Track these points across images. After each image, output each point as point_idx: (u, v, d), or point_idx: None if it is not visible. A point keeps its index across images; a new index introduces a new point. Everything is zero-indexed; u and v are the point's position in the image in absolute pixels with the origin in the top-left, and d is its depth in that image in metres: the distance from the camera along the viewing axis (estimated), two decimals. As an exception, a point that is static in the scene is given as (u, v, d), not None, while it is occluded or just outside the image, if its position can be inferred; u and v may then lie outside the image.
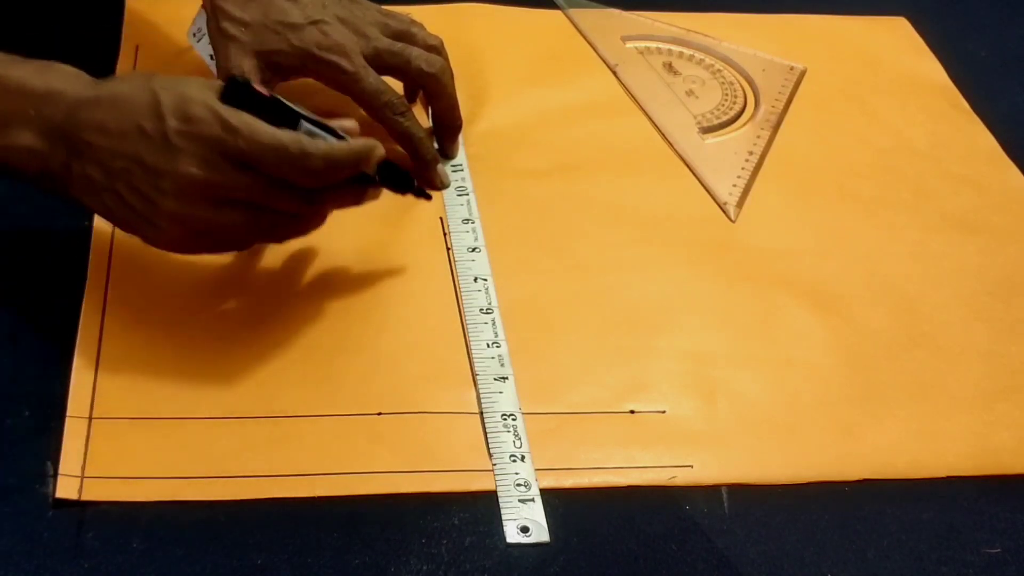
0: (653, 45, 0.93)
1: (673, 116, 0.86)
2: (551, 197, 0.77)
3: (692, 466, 0.62)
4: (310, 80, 0.74)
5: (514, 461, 0.60)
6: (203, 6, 0.75)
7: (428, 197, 0.69)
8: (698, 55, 0.92)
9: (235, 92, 0.59)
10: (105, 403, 0.60)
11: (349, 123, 0.63)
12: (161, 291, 0.66)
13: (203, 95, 0.59)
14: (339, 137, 0.61)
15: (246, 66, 0.71)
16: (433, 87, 0.76)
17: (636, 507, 0.60)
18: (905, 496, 0.62)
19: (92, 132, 0.59)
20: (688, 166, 0.82)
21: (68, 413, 0.60)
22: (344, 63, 0.72)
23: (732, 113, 0.87)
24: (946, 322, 0.72)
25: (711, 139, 0.85)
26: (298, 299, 0.67)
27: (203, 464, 0.59)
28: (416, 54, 0.75)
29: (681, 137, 0.84)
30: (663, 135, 0.84)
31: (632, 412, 0.64)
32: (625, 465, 0.62)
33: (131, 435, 0.59)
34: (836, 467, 0.63)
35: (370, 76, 0.73)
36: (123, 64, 0.81)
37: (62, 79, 0.61)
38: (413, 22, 0.77)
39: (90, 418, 0.60)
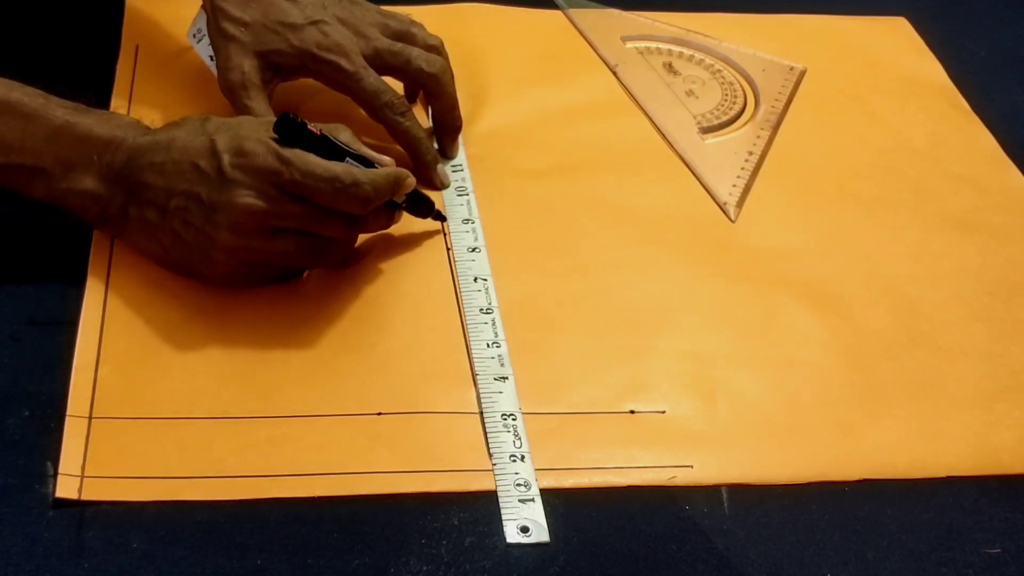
0: (653, 45, 0.93)
1: (673, 116, 0.86)
2: (551, 197, 0.77)
3: (692, 466, 0.62)
4: (310, 80, 0.74)
5: (514, 461, 0.60)
6: (203, 7, 0.75)
7: (444, 219, 0.72)
8: (698, 55, 0.92)
9: (286, 128, 0.62)
10: (105, 403, 0.60)
11: (386, 159, 0.67)
12: (161, 291, 0.66)
13: (256, 132, 0.63)
14: (371, 165, 0.65)
15: (246, 66, 0.72)
16: (433, 87, 0.76)
17: (636, 507, 0.60)
18: (905, 496, 0.62)
19: (149, 174, 0.63)
20: (688, 166, 0.82)
21: (68, 413, 0.59)
22: (344, 63, 0.72)
23: (732, 113, 0.87)
24: (946, 322, 0.72)
25: (711, 139, 0.85)
26: (298, 299, 0.67)
27: (203, 464, 0.59)
28: (416, 54, 0.75)
29: (681, 137, 0.84)
30: (663, 135, 0.84)
31: (632, 412, 0.64)
32: (625, 465, 0.62)
33: (131, 435, 0.59)
34: (836, 467, 0.63)
35: (370, 76, 0.73)
36: (123, 64, 0.81)
37: (122, 127, 0.65)
38: (413, 22, 0.78)
39: (90, 418, 0.60)
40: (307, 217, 0.63)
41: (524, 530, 0.58)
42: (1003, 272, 0.76)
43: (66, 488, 0.56)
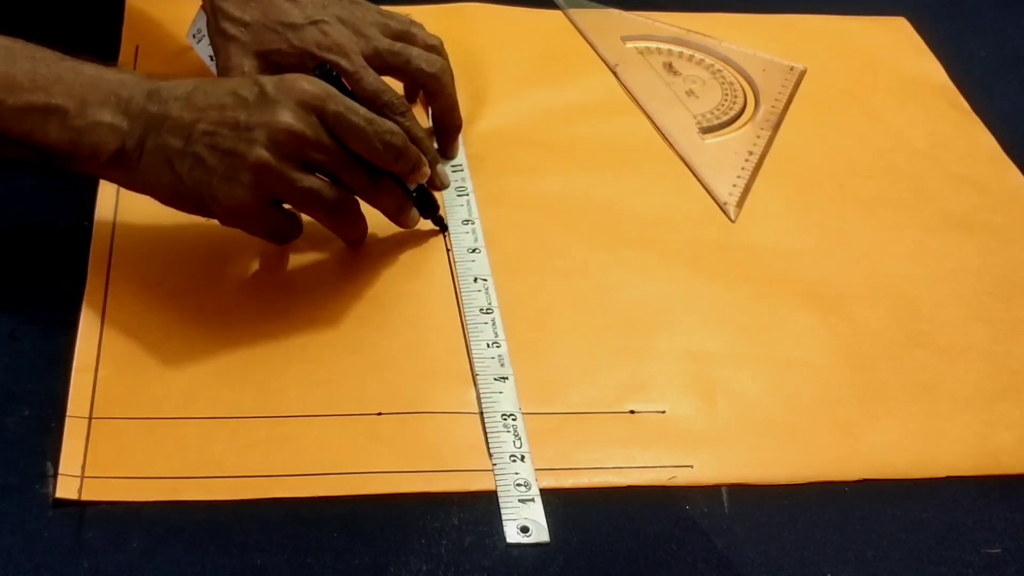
0: (653, 45, 0.93)
1: (673, 116, 0.86)
2: (551, 197, 0.77)
3: (692, 466, 0.62)
4: None
5: (514, 461, 0.60)
6: (202, 7, 0.75)
7: (445, 228, 0.72)
8: (698, 55, 0.92)
9: (325, 77, 0.64)
10: (105, 403, 0.60)
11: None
12: (161, 291, 0.66)
13: (295, 74, 0.64)
14: None
15: (246, 66, 0.72)
16: (433, 87, 0.76)
17: (636, 507, 0.60)
18: (905, 496, 0.62)
19: (174, 106, 0.62)
20: (688, 166, 0.82)
21: (68, 413, 0.60)
22: (344, 62, 0.72)
23: (732, 113, 0.87)
24: (946, 322, 0.72)
25: (711, 139, 0.85)
26: (298, 299, 0.67)
27: (203, 464, 0.59)
28: (416, 54, 0.75)
29: (681, 137, 0.84)
30: (663, 135, 0.84)
31: (632, 412, 0.64)
32: (625, 465, 0.62)
33: (131, 435, 0.59)
34: (836, 467, 0.63)
35: (370, 75, 0.73)
36: (123, 64, 0.81)
37: (131, 72, 0.65)
38: (413, 23, 0.78)
39: (90, 418, 0.60)
40: (338, 157, 0.63)
41: (524, 530, 0.58)
42: (1003, 272, 0.76)
43: (66, 488, 0.56)
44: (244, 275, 0.68)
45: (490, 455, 0.61)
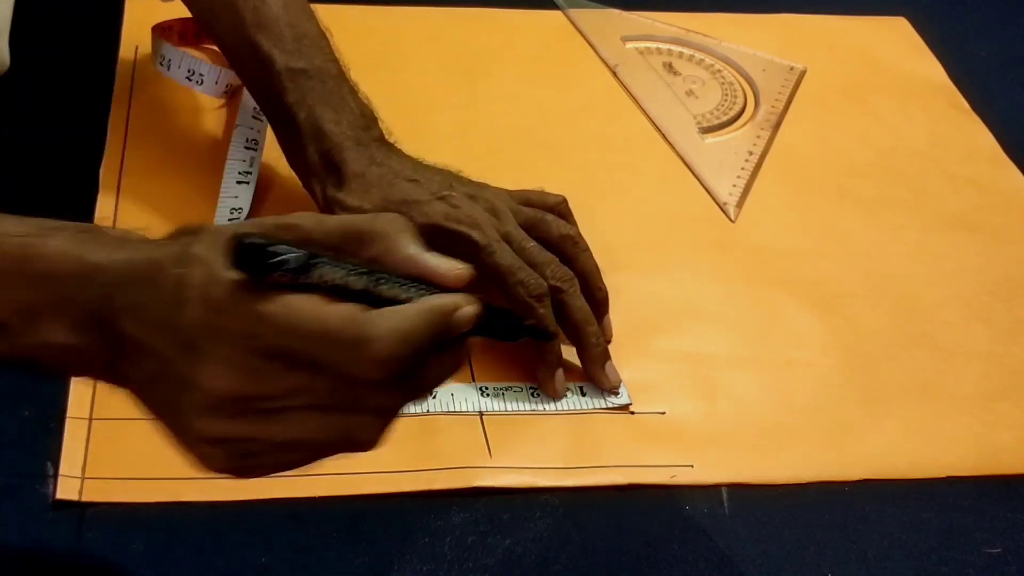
0: (653, 45, 0.93)
1: (673, 116, 0.86)
2: (551, 197, 0.77)
3: (692, 466, 0.62)
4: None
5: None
6: (311, 196, 0.68)
7: (549, 336, 0.61)
8: (698, 55, 0.92)
9: (248, 259, 0.42)
10: (105, 403, 0.60)
11: (457, 268, 0.45)
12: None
13: (219, 266, 0.43)
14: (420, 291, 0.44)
15: None
16: (571, 250, 0.66)
17: (636, 507, 0.60)
18: (905, 496, 0.62)
19: (128, 318, 0.44)
20: (688, 166, 0.82)
21: (68, 413, 0.59)
22: (475, 234, 0.63)
23: (732, 113, 0.87)
24: (946, 322, 0.72)
25: (711, 139, 0.85)
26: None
27: (203, 464, 0.59)
28: (551, 219, 0.67)
29: (681, 137, 0.84)
30: (663, 135, 0.84)
31: (632, 412, 0.64)
32: (625, 465, 0.62)
33: (131, 435, 0.59)
34: (836, 467, 0.63)
35: (505, 250, 0.63)
36: (123, 64, 0.81)
37: (102, 249, 0.46)
38: (548, 210, 0.68)
39: (90, 418, 0.60)
40: (319, 391, 0.43)
41: None
42: (1003, 272, 0.76)
43: (67, 490, 0.56)
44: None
45: (490, 453, 0.61)
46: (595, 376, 0.64)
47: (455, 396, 0.63)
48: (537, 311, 0.62)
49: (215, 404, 0.44)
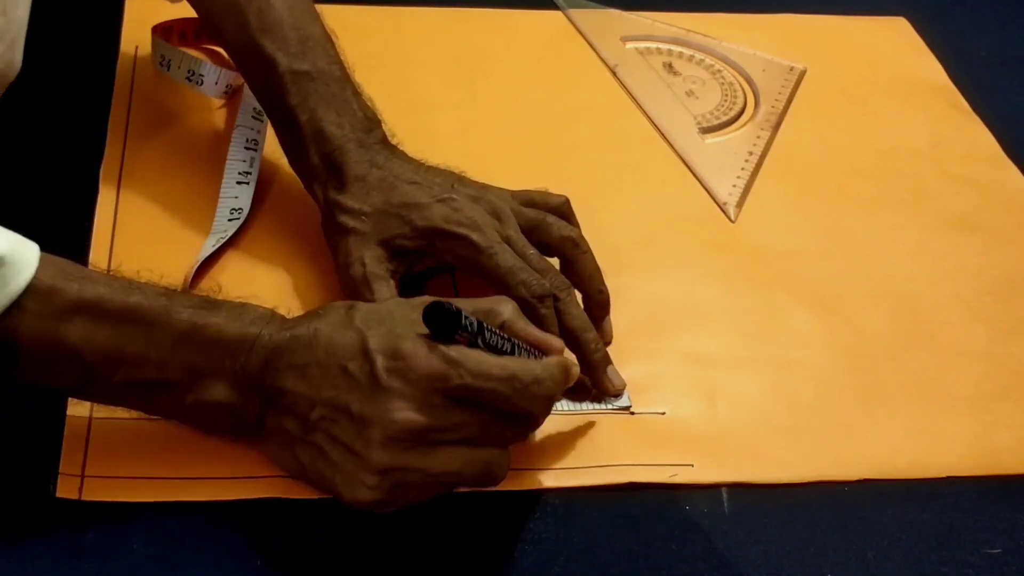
0: (653, 45, 0.93)
1: (673, 116, 0.86)
2: (551, 197, 0.77)
3: (692, 466, 0.62)
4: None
5: None
6: (314, 200, 0.68)
7: (618, 391, 0.63)
8: (698, 55, 0.92)
9: (439, 320, 0.52)
10: (105, 403, 0.60)
11: (555, 341, 0.59)
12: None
13: (412, 325, 0.53)
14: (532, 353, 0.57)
15: (367, 257, 0.64)
16: (572, 252, 0.67)
17: (636, 507, 0.60)
18: (905, 496, 0.62)
19: (289, 378, 0.54)
20: (688, 166, 0.82)
21: (68, 413, 0.59)
22: (475, 236, 0.64)
23: (732, 113, 0.87)
24: (946, 322, 0.72)
25: (711, 139, 0.85)
26: (299, 299, 0.67)
27: (203, 464, 0.59)
28: (553, 221, 0.67)
29: (681, 137, 0.84)
30: (663, 135, 0.84)
31: (632, 413, 0.64)
32: (625, 463, 0.62)
33: (131, 435, 0.59)
34: (836, 467, 0.63)
35: (506, 252, 0.64)
36: (123, 64, 0.81)
37: (256, 321, 0.56)
38: (550, 212, 0.68)
39: (90, 418, 0.59)
40: (476, 425, 0.53)
41: None
42: (1003, 272, 0.76)
43: (67, 488, 0.56)
44: (244, 276, 0.68)
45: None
46: (598, 381, 0.64)
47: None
48: (539, 311, 0.62)
49: (397, 435, 0.52)
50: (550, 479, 0.60)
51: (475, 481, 0.55)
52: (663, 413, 0.65)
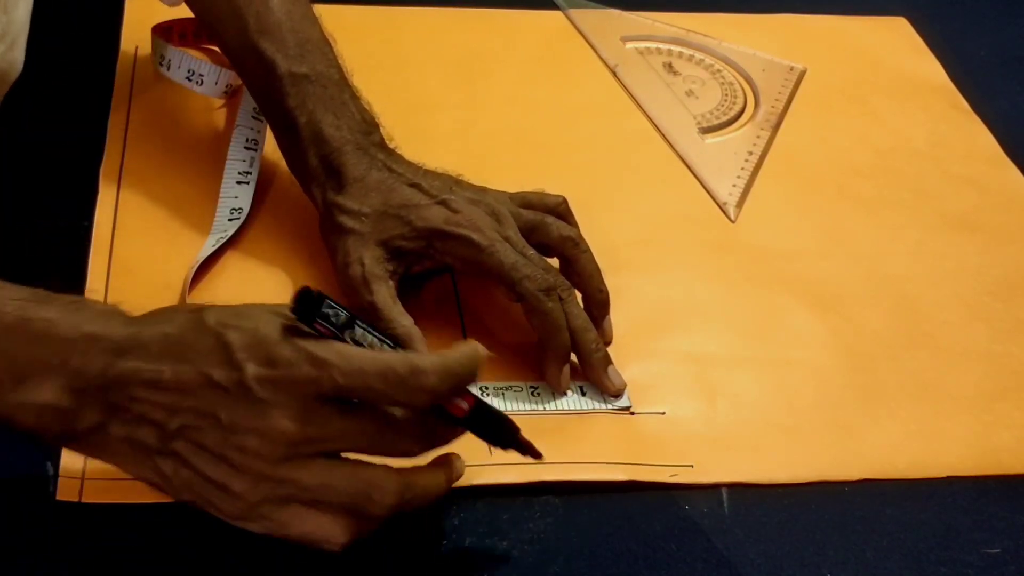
0: (653, 45, 0.93)
1: (673, 116, 0.86)
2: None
3: (692, 466, 0.62)
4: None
5: None
6: (312, 201, 0.68)
7: (538, 455, 0.56)
8: (698, 55, 0.92)
9: (308, 310, 0.49)
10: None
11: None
12: (160, 291, 0.66)
13: (275, 328, 0.50)
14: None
15: (366, 258, 0.64)
16: (572, 252, 0.67)
17: (636, 507, 0.60)
18: (905, 496, 0.62)
19: (139, 386, 0.50)
20: (688, 166, 0.82)
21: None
22: (475, 236, 0.64)
23: (732, 113, 0.87)
24: (946, 322, 0.72)
25: (711, 139, 0.85)
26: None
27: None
28: (551, 221, 0.67)
29: (681, 137, 0.84)
30: (663, 135, 0.84)
31: (632, 413, 0.64)
32: (625, 462, 0.62)
33: (131, 435, 0.59)
34: (836, 467, 0.63)
35: (507, 249, 0.64)
36: (123, 64, 0.81)
37: (94, 320, 0.51)
38: (548, 213, 0.68)
39: (90, 418, 0.59)
40: (363, 434, 0.51)
41: None
42: (1003, 272, 0.76)
43: (67, 491, 0.56)
44: (244, 276, 0.68)
45: (490, 451, 0.61)
46: (598, 382, 0.64)
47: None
48: (546, 304, 0.62)
49: (276, 446, 0.49)
50: (550, 475, 0.60)
51: (351, 501, 0.51)
52: (663, 413, 0.65)
